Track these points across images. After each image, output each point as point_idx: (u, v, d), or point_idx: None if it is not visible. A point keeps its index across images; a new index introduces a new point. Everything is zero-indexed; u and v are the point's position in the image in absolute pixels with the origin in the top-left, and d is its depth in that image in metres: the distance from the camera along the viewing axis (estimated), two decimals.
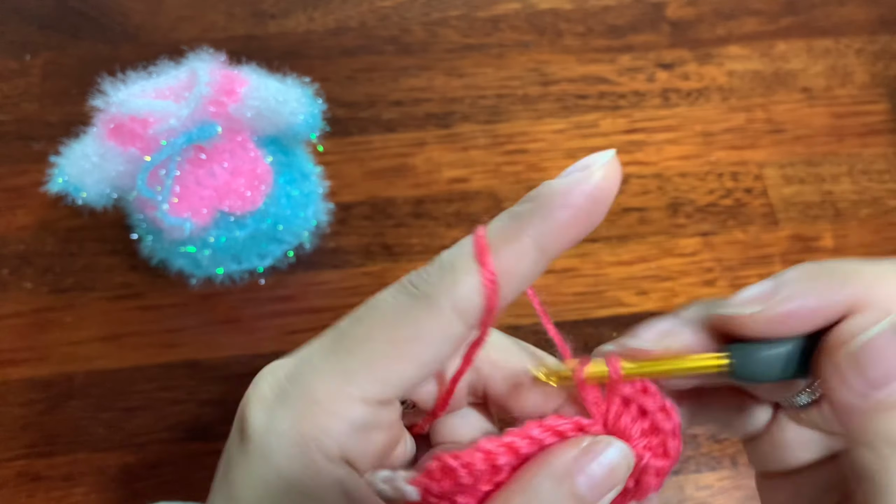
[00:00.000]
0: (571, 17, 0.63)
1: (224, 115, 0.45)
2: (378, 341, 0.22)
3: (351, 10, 0.63)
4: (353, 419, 0.22)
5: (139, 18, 0.63)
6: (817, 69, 0.61)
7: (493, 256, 0.22)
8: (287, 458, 0.22)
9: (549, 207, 0.23)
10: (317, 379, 0.22)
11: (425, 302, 0.22)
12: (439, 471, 0.24)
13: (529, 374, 0.26)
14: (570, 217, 0.23)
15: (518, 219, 0.23)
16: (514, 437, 0.24)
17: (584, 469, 0.23)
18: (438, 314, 0.22)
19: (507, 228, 0.23)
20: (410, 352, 0.22)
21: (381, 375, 0.22)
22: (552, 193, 0.23)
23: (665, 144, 0.58)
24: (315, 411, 0.22)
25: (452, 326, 0.22)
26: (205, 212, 0.46)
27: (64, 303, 0.52)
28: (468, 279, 0.22)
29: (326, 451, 0.22)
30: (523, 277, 0.23)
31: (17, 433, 0.48)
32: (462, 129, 0.58)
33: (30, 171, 0.56)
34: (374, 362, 0.22)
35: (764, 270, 0.53)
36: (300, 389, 0.22)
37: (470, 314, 0.22)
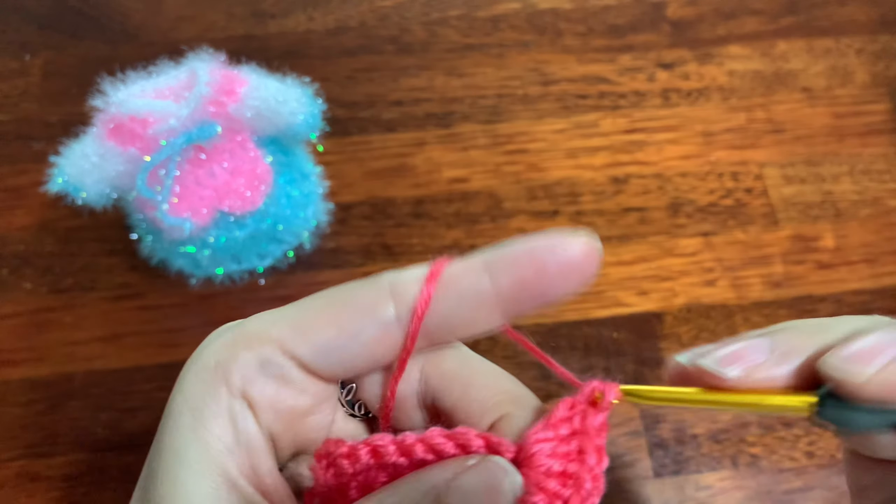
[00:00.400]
0: (571, 17, 0.63)
1: (224, 115, 0.45)
2: (317, 302, 0.24)
3: (351, 10, 0.63)
4: (263, 357, 0.23)
5: (139, 18, 0.63)
6: (818, 69, 0.61)
7: (446, 270, 0.23)
8: (195, 380, 0.24)
9: (513, 250, 0.23)
10: (253, 319, 0.25)
11: (370, 283, 0.24)
12: (324, 457, 0.24)
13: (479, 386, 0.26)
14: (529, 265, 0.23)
15: (482, 250, 0.24)
16: (410, 438, 0.23)
17: (460, 487, 0.21)
18: (375, 291, 0.23)
19: (468, 256, 0.24)
20: (337, 316, 0.23)
21: (303, 330, 0.24)
22: (522, 243, 0.23)
23: (665, 144, 0.58)
24: (236, 341, 0.24)
25: (382, 301, 0.23)
26: (205, 212, 0.46)
27: (64, 303, 0.52)
28: (413, 270, 0.24)
29: (229, 377, 0.23)
30: (465, 293, 0.23)
31: (16, 433, 0.48)
32: (462, 129, 0.58)
33: (29, 170, 0.56)
34: (304, 315, 0.24)
35: (764, 270, 0.53)
36: (237, 326, 0.25)
37: (403, 299, 0.23)
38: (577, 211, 0.55)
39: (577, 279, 0.23)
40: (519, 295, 0.23)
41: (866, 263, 0.54)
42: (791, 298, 0.53)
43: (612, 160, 0.57)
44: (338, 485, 0.23)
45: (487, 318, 0.23)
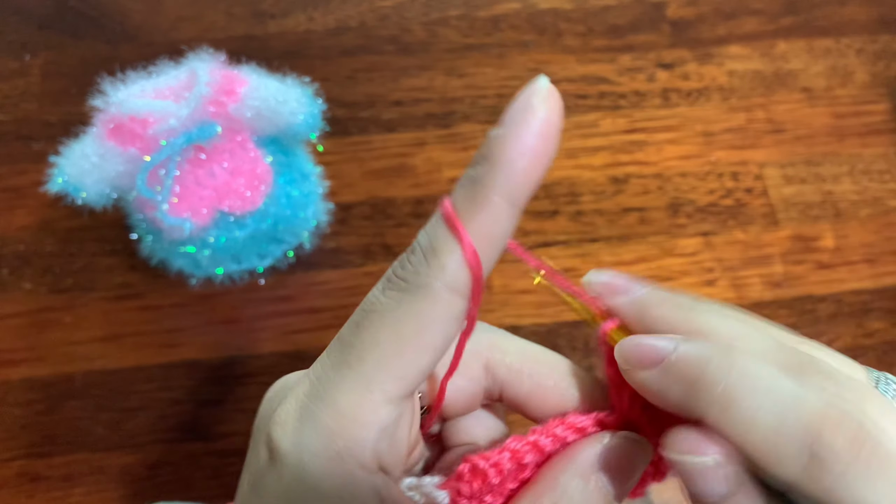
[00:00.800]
0: (571, 17, 0.63)
1: (224, 115, 0.45)
2: (387, 343, 0.22)
3: (351, 10, 0.63)
4: (381, 424, 0.22)
5: (139, 18, 0.63)
6: (818, 69, 0.61)
7: (468, 226, 0.22)
8: (324, 475, 0.22)
9: (507, 161, 0.22)
10: (337, 393, 0.22)
11: (421, 293, 0.22)
12: (469, 472, 0.24)
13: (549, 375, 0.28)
14: (528, 163, 0.22)
15: (481, 182, 0.22)
16: (539, 436, 0.25)
17: (609, 464, 0.24)
18: (436, 300, 0.22)
19: (473, 195, 0.22)
20: (420, 343, 0.22)
21: (398, 373, 0.22)
22: (504, 146, 0.22)
23: (665, 144, 0.58)
24: (344, 425, 0.22)
25: (451, 305, 0.22)
26: (204, 212, 0.46)
27: (63, 303, 0.52)
28: (452, 258, 0.22)
29: (362, 461, 0.22)
30: (501, 236, 0.23)
31: (16, 433, 0.48)
32: (462, 129, 0.58)
33: (29, 171, 0.56)
34: (389, 363, 0.22)
35: (764, 270, 0.53)
36: (324, 406, 0.22)
37: (463, 288, 0.22)
38: (576, 211, 0.55)
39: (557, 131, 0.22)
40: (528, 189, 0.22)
41: (866, 263, 0.54)
42: (791, 298, 0.53)
43: (612, 160, 0.57)
44: (480, 493, 0.24)
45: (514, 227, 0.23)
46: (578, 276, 0.55)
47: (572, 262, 0.53)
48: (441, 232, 0.22)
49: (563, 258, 0.54)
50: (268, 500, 0.23)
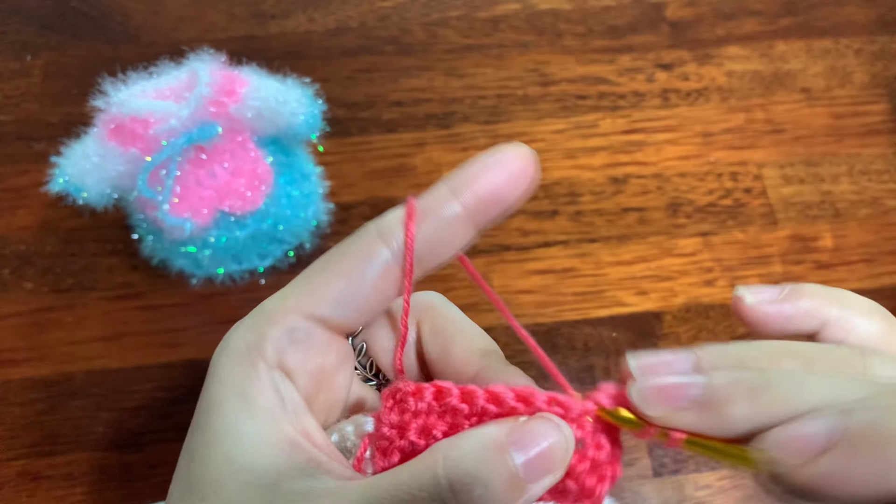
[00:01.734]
0: (571, 18, 0.63)
1: (224, 115, 0.45)
2: (316, 265, 0.26)
3: (351, 11, 0.63)
4: (289, 326, 0.25)
5: (140, 19, 0.63)
6: (817, 69, 0.61)
7: (417, 202, 0.26)
8: (227, 365, 0.25)
9: (470, 172, 0.26)
10: (267, 301, 0.26)
11: (358, 235, 0.26)
12: (390, 397, 0.25)
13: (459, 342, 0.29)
14: (481, 174, 0.26)
15: (442, 180, 0.26)
16: (475, 387, 0.24)
17: (520, 443, 0.22)
18: (364, 237, 0.26)
19: (432, 187, 0.26)
20: (339, 268, 0.25)
21: (315, 290, 0.25)
22: (473, 164, 0.26)
23: (664, 144, 0.58)
24: (259, 322, 0.25)
25: (375, 245, 0.25)
26: (205, 212, 0.46)
27: (64, 303, 0.52)
28: (392, 214, 0.26)
29: (264, 354, 0.25)
30: (442, 218, 0.25)
31: (17, 433, 0.48)
32: (462, 129, 0.58)
33: (30, 171, 0.56)
34: (309, 279, 0.26)
35: (763, 270, 0.53)
36: (254, 312, 0.26)
37: (392, 239, 0.25)
38: (576, 211, 0.55)
39: (524, 184, 0.26)
40: (483, 207, 0.26)
41: (865, 263, 0.54)
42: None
43: (612, 160, 0.57)
44: (399, 424, 0.25)
45: (464, 234, 0.26)
46: (578, 276, 0.56)
47: (572, 262, 0.54)
48: (395, 208, 0.26)
49: (562, 258, 0.54)
50: (198, 406, 0.26)
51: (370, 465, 0.25)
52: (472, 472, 0.21)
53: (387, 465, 0.24)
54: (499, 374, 0.27)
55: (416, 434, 0.24)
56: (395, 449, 0.24)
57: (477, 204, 0.26)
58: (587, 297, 0.53)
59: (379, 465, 0.25)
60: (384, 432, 0.25)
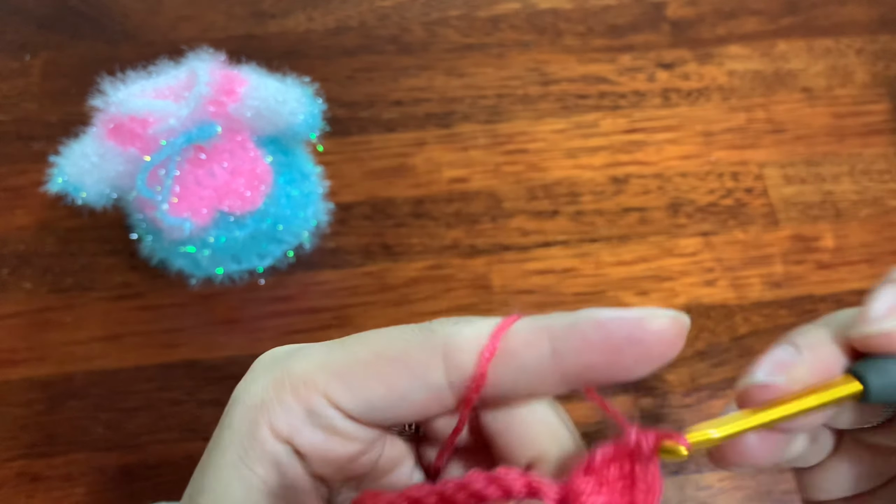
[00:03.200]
0: (571, 17, 0.63)
1: (224, 114, 0.45)
2: (366, 350, 0.23)
3: (351, 10, 0.63)
4: (310, 406, 0.23)
5: (139, 18, 0.63)
6: (818, 69, 0.61)
7: (508, 336, 0.22)
8: (241, 417, 0.23)
9: (585, 324, 0.21)
10: (301, 359, 0.23)
11: (424, 333, 0.22)
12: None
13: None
14: (601, 344, 0.21)
15: (548, 321, 0.22)
16: (450, 486, 0.21)
17: None
18: (428, 348, 0.22)
19: (535, 320, 0.22)
20: (387, 371, 0.22)
21: (350, 381, 0.22)
22: (596, 315, 0.21)
23: (665, 144, 0.58)
24: (282, 383, 0.23)
25: (435, 368, 0.22)
26: (204, 212, 0.46)
27: (63, 303, 0.52)
28: (471, 329, 0.22)
29: (273, 422, 0.22)
30: (525, 367, 0.22)
31: (16, 433, 0.48)
32: (462, 129, 0.58)
33: (29, 171, 0.56)
34: (351, 365, 0.23)
35: (764, 270, 0.53)
36: (285, 364, 0.23)
37: (457, 367, 0.22)
38: (576, 211, 0.55)
39: (654, 363, 0.21)
40: (584, 374, 0.21)
41: (866, 263, 0.54)
42: (791, 298, 0.53)
43: (612, 160, 0.57)
44: None
45: (546, 389, 0.22)
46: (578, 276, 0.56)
47: (572, 263, 0.53)
48: (489, 320, 0.22)
49: (563, 258, 0.54)
50: (214, 438, 0.24)
51: None
52: None
53: None
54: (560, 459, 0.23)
55: None
56: None
57: (578, 371, 0.21)
58: (587, 297, 0.52)
59: None
60: None
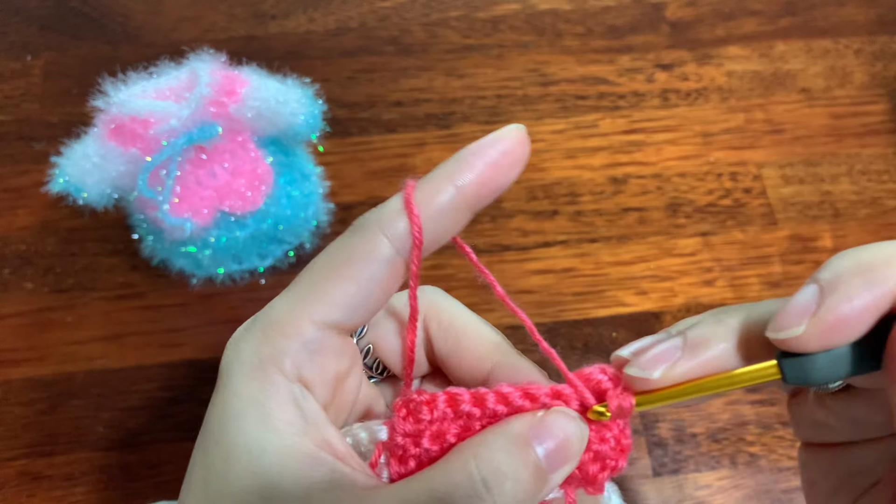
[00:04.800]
0: (571, 18, 0.63)
1: (225, 115, 0.45)
2: (321, 269, 0.25)
3: (351, 11, 0.63)
4: (305, 338, 0.25)
5: (140, 19, 0.63)
6: (816, 69, 0.61)
7: (415, 192, 0.25)
8: (244, 380, 0.24)
9: (465, 155, 0.26)
10: (274, 308, 0.25)
11: (359, 230, 0.25)
12: (403, 406, 0.25)
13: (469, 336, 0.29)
14: (480, 163, 0.26)
15: (437, 168, 0.26)
16: (482, 389, 0.25)
17: (541, 437, 0.24)
18: (368, 236, 0.25)
19: (428, 175, 0.26)
20: (347, 272, 0.25)
21: (325, 297, 0.25)
22: (466, 149, 0.26)
23: (664, 145, 0.58)
24: (270, 335, 0.25)
25: (380, 244, 0.25)
26: (205, 212, 0.46)
27: (65, 303, 0.52)
28: (392, 204, 0.25)
29: (281, 368, 0.24)
30: (440, 208, 0.25)
31: (18, 432, 0.48)
32: (462, 129, 0.58)
33: (31, 171, 0.56)
34: (318, 286, 0.25)
35: (763, 270, 0.53)
36: (259, 322, 0.25)
37: (395, 233, 0.25)
38: (576, 211, 0.55)
39: (519, 163, 0.26)
40: (480, 191, 0.26)
41: None
42: None
43: (612, 160, 0.57)
44: (413, 433, 0.25)
45: (461, 219, 0.26)
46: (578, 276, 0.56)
47: (572, 262, 0.54)
48: (394, 196, 0.26)
49: (562, 258, 0.54)
50: (210, 418, 0.25)
51: (384, 470, 0.26)
52: (502, 467, 0.23)
53: (403, 471, 0.25)
54: (515, 367, 0.28)
55: (429, 441, 0.25)
56: (409, 456, 0.25)
57: (474, 190, 0.25)
58: (587, 297, 0.53)
59: (394, 470, 0.25)
60: (398, 441, 0.25)
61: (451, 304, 0.30)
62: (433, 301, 0.30)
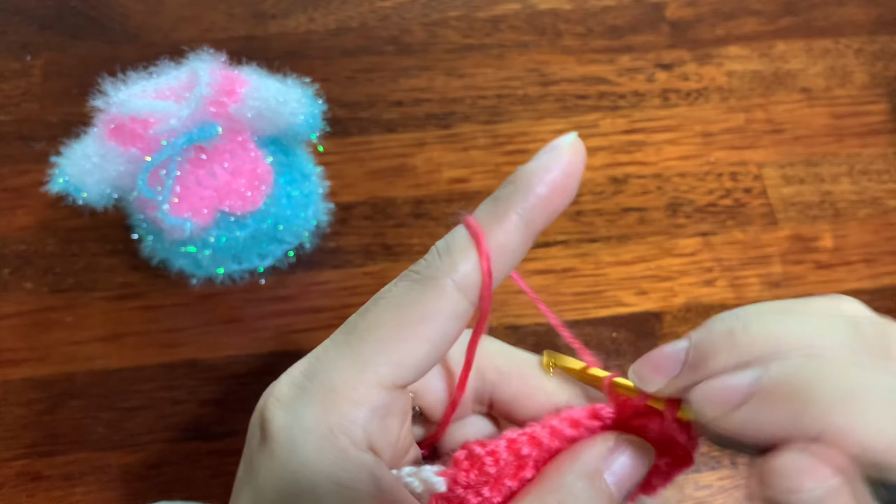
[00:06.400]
0: (571, 18, 0.63)
1: (224, 115, 0.45)
2: (388, 326, 0.23)
3: (351, 11, 0.63)
4: (373, 405, 0.23)
5: (139, 19, 0.63)
6: (817, 69, 0.61)
7: (485, 236, 0.24)
8: (315, 451, 0.22)
9: (529, 186, 0.24)
10: (333, 371, 0.23)
11: (429, 284, 0.24)
12: (466, 459, 0.24)
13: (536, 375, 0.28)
14: (548, 192, 0.24)
15: (502, 200, 0.24)
16: (535, 427, 0.25)
17: (612, 466, 0.24)
18: (442, 292, 0.23)
19: (493, 210, 0.24)
20: (420, 332, 0.23)
21: (395, 358, 0.23)
22: (529, 174, 0.24)
23: (664, 144, 0.58)
24: (337, 401, 0.23)
25: (456, 302, 0.24)
26: (205, 212, 0.46)
27: (65, 303, 0.52)
28: (466, 256, 0.24)
29: (354, 438, 0.23)
30: (514, 251, 0.24)
31: (17, 433, 0.48)
32: (462, 129, 0.58)
33: (30, 171, 0.56)
34: (387, 346, 0.23)
35: (763, 270, 0.53)
36: (318, 383, 0.23)
37: (470, 289, 0.24)
38: (576, 211, 0.55)
39: (579, 178, 0.25)
40: (542, 217, 0.24)
41: (865, 263, 0.54)
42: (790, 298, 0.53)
43: (612, 160, 0.57)
44: (475, 484, 0.24)
45: (524, 248, 0.25)
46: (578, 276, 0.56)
47: (572, 262, 0.54)
48: (459, 235, 0.24)
49: (562, 258, 0.54)
50: (260, 479, 0.23)
51: None
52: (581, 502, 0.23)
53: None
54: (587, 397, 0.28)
55: (490, 489, 0.25)
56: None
57: (536, 214, 0.24)
58: (587, 297, 0.53)
59: None
60: (458, 493, 0.25)
61: (503, 348, 0.29)
62: (482, 347, 0.27)
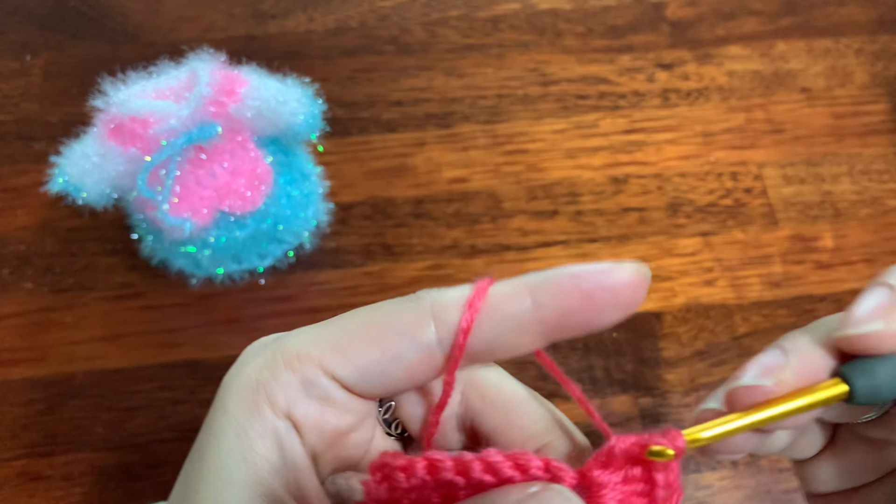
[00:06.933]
0: (571, 18, 0.63)
1: (224, 115, 0.45)
2: (356, 321, 0.24)
3: (351, 10, 0.63)
4: (307, 379, 0.23)
5: (139, 18, 0.63)
6: (817, 69, 0.61)
7: (489, 293, 0.23)
8: (234, 397, 0.24)
9: (559, 276, 0.23)
10: (295, 337, 0.24)
11: (411, 301, 0.24)
12: (378, 469, 0.23)
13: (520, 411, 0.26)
14: (574, 292, 0.22)
15: (524, 277, 0.23)
16: (468, 456, 0.22)
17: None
18: (417, 313, 0.23)
19: (511, 279, 0.23)
20: (378, 336, 0.23)
21: (346, 351, 0.23)
22: (568, 269, 0.23)
23: (665, 144, 0.58)
24: (276, 360, 0.24)
25: (424, 327, 0.23)
26: (205, 212, 0.46)
27: (64, 303, 0.52)
28: (456, 291, 0.23)
29: (273, 398, 0.23)
30: (508, 318, 0.23)
31: (17, 433, 0.48)
32: (462, 129, 0.58)
33: (30, 171, 0.56)
34: (346, 336, 0.23)
35: (763, 270, 0.53)
36: (279, 342, 0.24)
37: (446, 323, 0.23)
38: (576, 211, 0.55)
39: (622, 309, 0.23)
40: (562, 322, 0.23)
41: (865, 263, 0.54)
42: (790, 298, 0.53)
43: (612, 160, 0.57)
44: (389, 500, 0.23)
45: (529, 342, 0.23)
46: None
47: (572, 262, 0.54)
48: (464, 285, 0.23)
49: (563, 258, 0.54)
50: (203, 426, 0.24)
51: None
52: None
53: None
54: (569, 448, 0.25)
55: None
56: None
57: (556, 318, 0.23)
58: None
59: None
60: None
61: (499, 377, 0.27)
62: (476, 374, 0.26)
